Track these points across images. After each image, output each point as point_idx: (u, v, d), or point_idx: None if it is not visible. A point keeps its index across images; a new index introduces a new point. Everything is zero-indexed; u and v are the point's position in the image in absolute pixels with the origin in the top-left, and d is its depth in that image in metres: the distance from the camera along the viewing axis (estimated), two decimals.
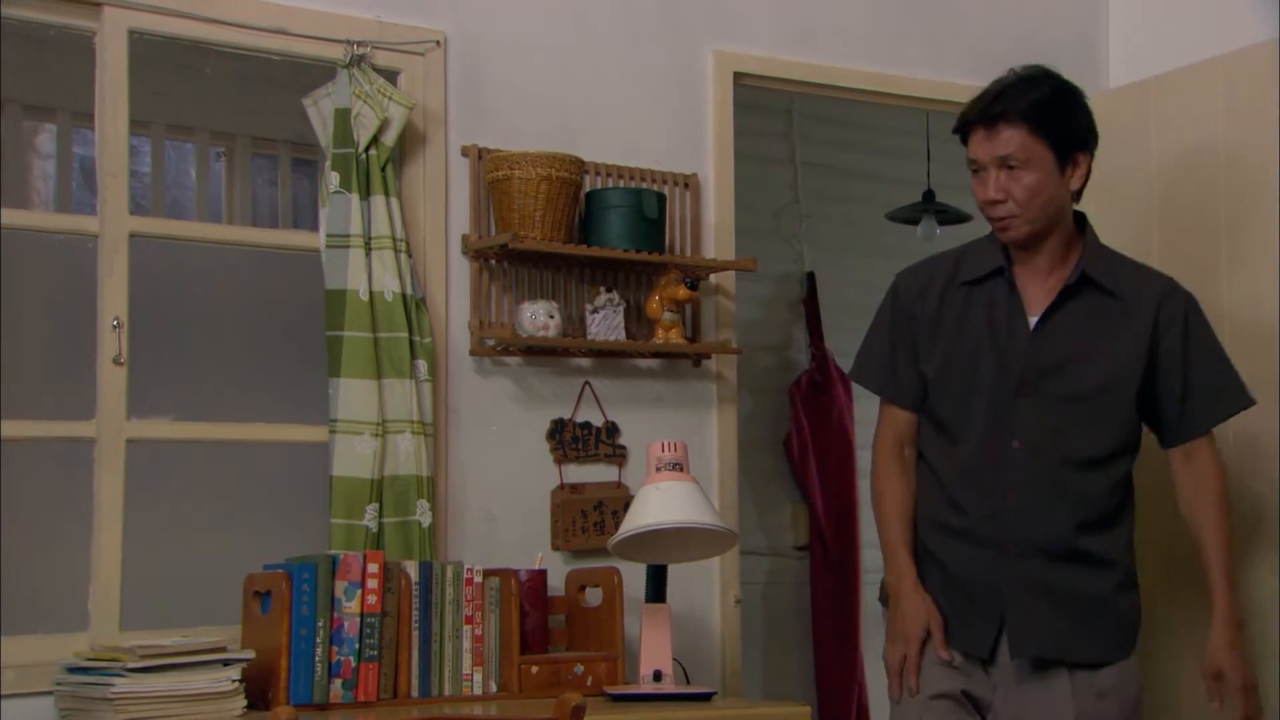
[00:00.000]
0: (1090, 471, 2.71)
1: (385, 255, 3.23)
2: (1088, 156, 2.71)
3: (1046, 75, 2.69)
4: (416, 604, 3.02)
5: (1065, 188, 2.69)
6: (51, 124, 4.30)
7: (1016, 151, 2.63)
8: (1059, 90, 2.68)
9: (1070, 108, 2.68)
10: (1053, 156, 2.65)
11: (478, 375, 3.43)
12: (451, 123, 3.41)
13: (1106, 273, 2.75)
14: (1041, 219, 2.68)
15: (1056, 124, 2.65)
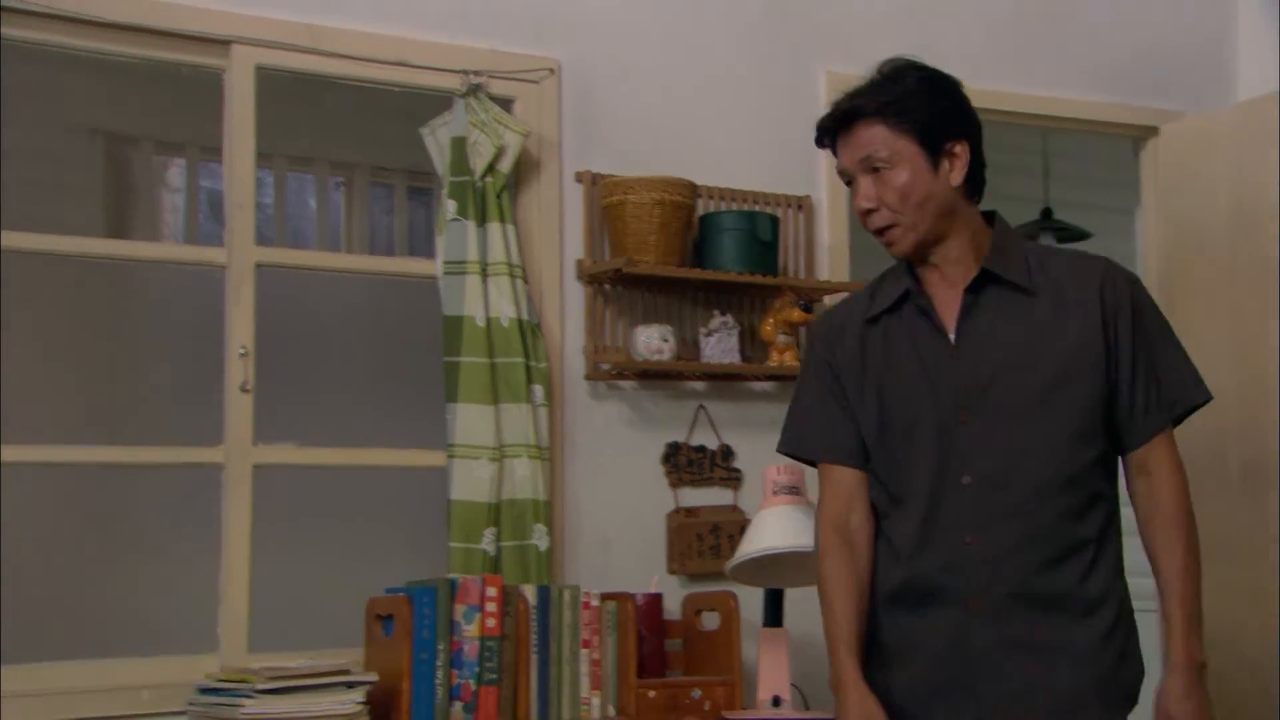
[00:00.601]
0: (1056, 495, 2.28)
1: (501, 281, 3.26)
2: (965, 146, 2.32)
3: (905, 66, 2.35)
4: (535, 627, 3.03)
5: (945, 184, 2.31)
6: (181, 159, 4.45)
7: (878, 149, 2.29)
8: (918, 79, 2.33)
9: (932, 95, 2.32)
10: (920, 150, 2.29)
11: (592, 399, 3.45)
12: (566, 149, 3.44)
13: (1016, 267, 2.35)
14: (924, 223, 2.31)
15: (917, 114, 2.29)
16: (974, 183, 2.37)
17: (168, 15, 3.07)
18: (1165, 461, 2.34)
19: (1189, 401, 2.37)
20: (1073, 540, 2.29)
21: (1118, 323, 2.32)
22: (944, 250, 2.36)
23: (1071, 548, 2.29)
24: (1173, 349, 2.39)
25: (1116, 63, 3.98)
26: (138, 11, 3.03)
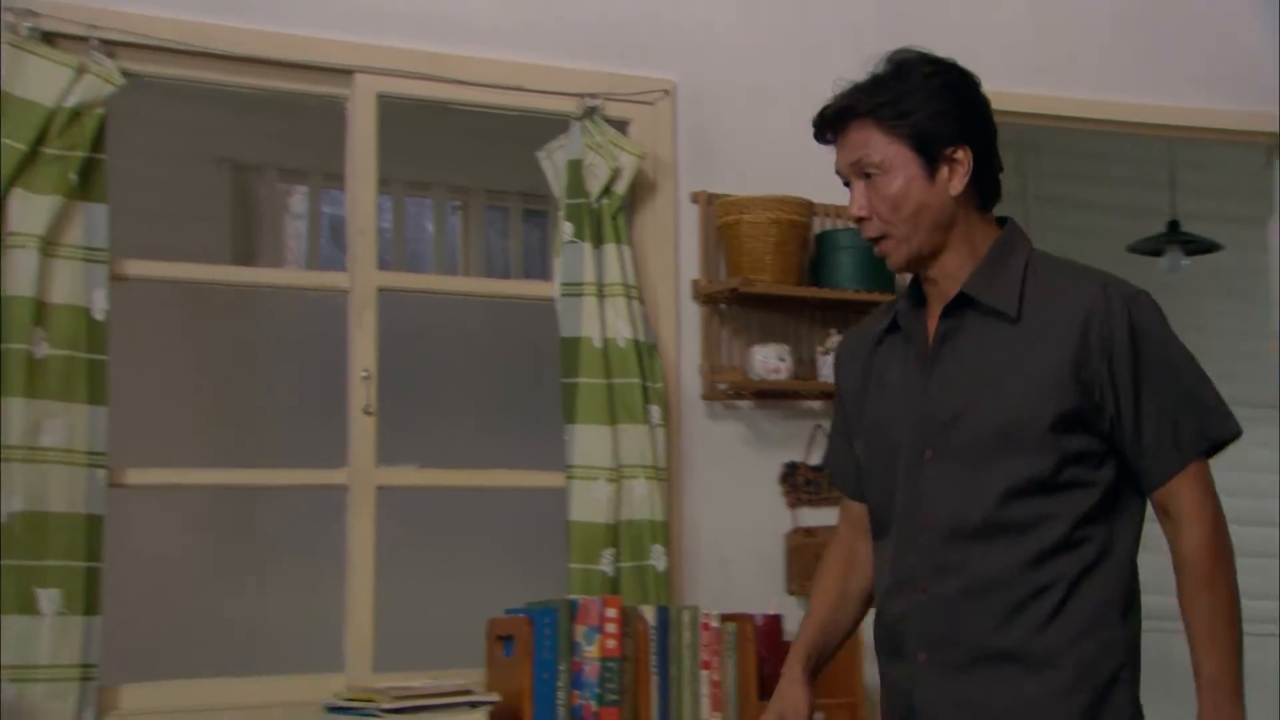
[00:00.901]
0: (1010, 545, 2.01)
1: (618, 302, 3.27)
2: (967, 152, 2.05)
3: (910, 60, 2.10)
4: (654, 648, 3.03)
5: (942, 194, 2.06)
6: (303, 185, 4.54)
7: (870, 153, 2.06)
8: (922, 76, 2.08)
9: (934, 94, 2.06)
10: (916, 157, 2.05)
11: (709, 419, 3.44)
12: (681, 169, 3.45)
13: (1004, 288, 2.07)
14: (919, 235, 2.06)
15: (914, 116, 2.05)
16: (984, 191, 2.10)
17: (293, 47, 3.14)
18: (1187, 507, 2.02)
19: (1210, 438, 2.05)
20: (1030, 588, 2.01)
21: (1112, 358, 2.01)
22: (941, 265, 2.10)
23: (1030, 595, 2.01)
24: (1186, 377, 2.06)
25: (1245, 68, 3.86)
26: (264, 45, 3.10)
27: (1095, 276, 2.08)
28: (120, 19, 2.92)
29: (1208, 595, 2.00)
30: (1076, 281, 2.07)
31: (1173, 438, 2.03)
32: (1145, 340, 2.03)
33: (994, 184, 2.12)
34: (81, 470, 2.82)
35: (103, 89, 2.87)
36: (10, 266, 2.77)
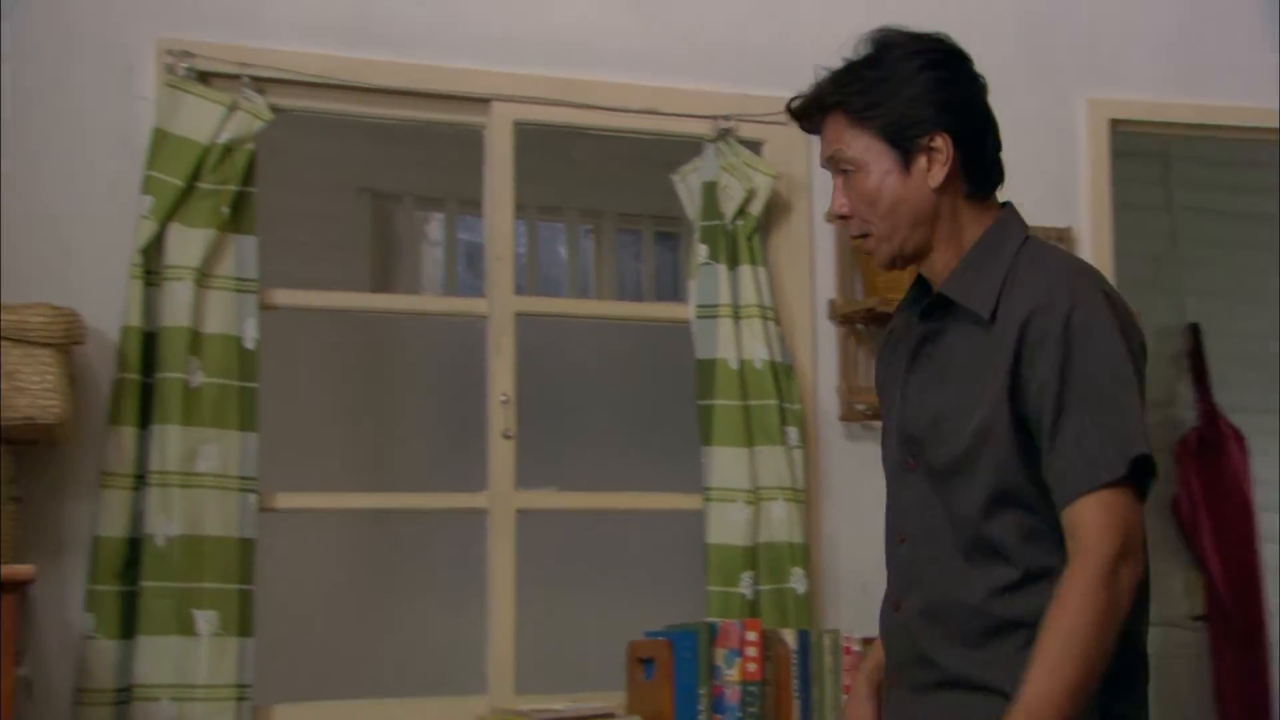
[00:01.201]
0: (977, 567, 1.86)
1: (754, 324, 3.26)
2: (946, 139, 1.88)
3: (882, 42, 1.94)
4: (796, 672, 3.01)
5: (920, 186, 1.89)
6: (440, 213, 4.62)
7: (843, 148, 1.93)
8: (895, 59, 1.92)
9: (908, 78, 1.89)
10: (889, 149, 1.89)
11: (848, 440, 3.40)
12: (815, 189, 3.43)
13: (981, 287, 1.89)
14: (899, 232, 1.91)
15: (884, 105, 1.89)
16: (974, 177, 1.92)
17: (432, 78, 3.20)
18: (1085, 532, 1.76)
19: (1107, 469, 1.76)
20: (998, 622, 1.83)
21: (1039, 361, 1.81)
22: (930, 262, 1.94)
23: (996, 630, 1.83)
24: (1110, 393, 1.80)
25: None
26: (404, 76, 3.17)
27: (1058, 272, 1.87)
28: (270, 56, 3.01)
29: (1068, 622, 1.73)
30: (1037, 276, 1.87)
31: (1081, 458, 1.78)
32: (1073, 344, 1.80)
33: (986, 168, 1.94)
34: (234, 495, 2.90)
35: (253, 124, 2.95)
36: (168, 298, 2.87)
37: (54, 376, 2.59)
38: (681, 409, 3.47)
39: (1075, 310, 1.81)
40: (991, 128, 1.95)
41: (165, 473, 2.82)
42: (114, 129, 2.93)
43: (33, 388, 2.57)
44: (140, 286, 2.84)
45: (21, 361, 2.56)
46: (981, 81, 1.97)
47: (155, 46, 2.95)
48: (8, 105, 2.87)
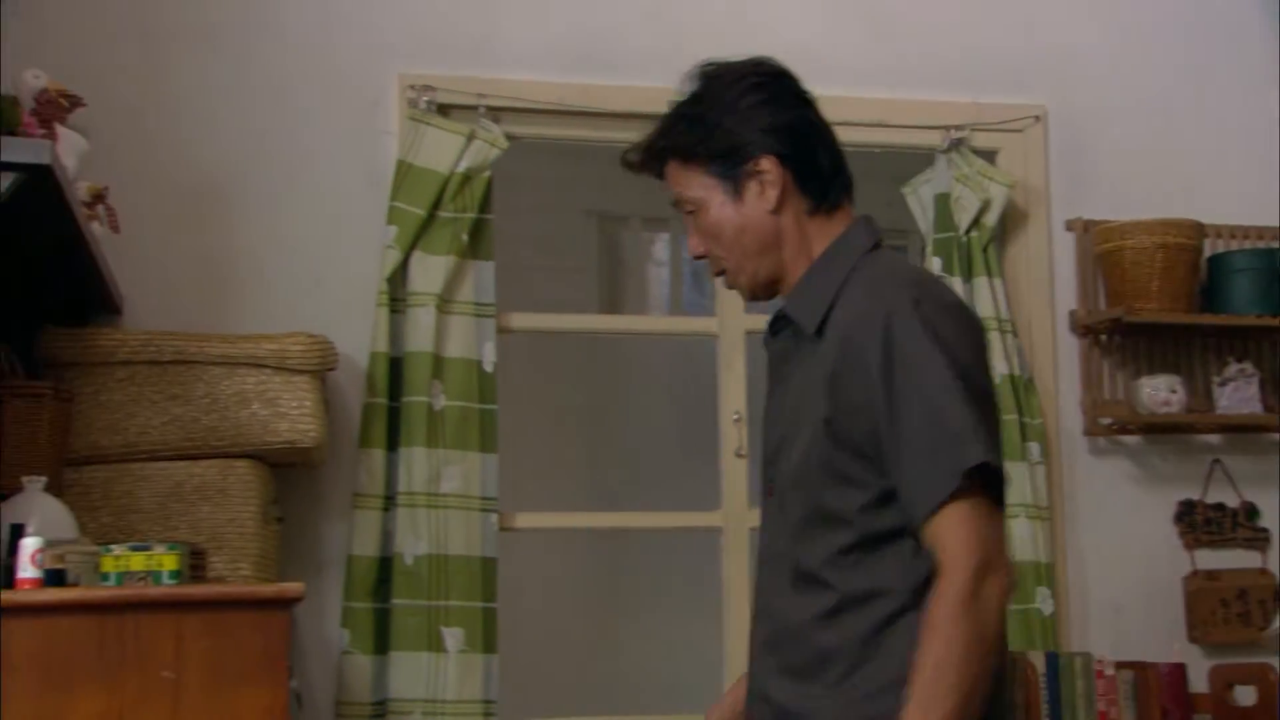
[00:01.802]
0: (799, 593, 1.80)
1: (991, 337, 3.18)
2: (773, 160, 1.84)
3: (701, 76, 1.93)
4: (1045, 696, 2.91)
5: (756, 211, 1.85)
6: (665, 233, 4.66)
7: (680, 190, 1.91)
8: (714, 92, 1.90)
9: (727, 108, 1.87)
10: (719, 181, 1.86)
11: (1093, 456, 3.29)
12: (1054, 197, 3.33)
13: (807, 305, 1.84)
14: (749, 261, 1.87)
15: (706, 141, 1.87)
16: (813, 193, 1.87)
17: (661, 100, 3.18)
18: (944, 546, 1.68)
19: (947, 481, 1.67)
20: (818, 651, 1.77)
21: (858, 376, 1.74)
22: (787, 285, 1.89)
23: (819, 660, 1.77)
24: (936, 405, 1.71)
25: None
26: (634, 100, 3.20)
27: (883, 283, 1.79)
28: (505, 86, 3.09)
29: (935, 655, 1.64)
30: (862, 289, 1.80)
31: (920, 475, 1.70)
32: (898, 361, 1.72)
33: (824, 182, 1.88)
34: (476, 515, 2.97)
35: (490, 153, 3.03)
36: (411, 324, 2.96)
37: (311, 402, 2.70)
38: None
39: (893, 323, 1.73)
40: (824, 141, 1.90)
41: (412, 493, 2.92)
42: (361, 163, 3.05)
43: (292, 413, 2.68)
44: (386, 313, 2.94)
45: (282, 388, 2.68)
46: (807, 97, 1.93)
47: (398, 82, 3.06)
48: (267, 143, 3.02)
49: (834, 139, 1.92)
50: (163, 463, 2.62)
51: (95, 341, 2.63)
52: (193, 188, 2.97)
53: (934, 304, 1.75)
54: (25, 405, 2.29)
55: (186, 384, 2.63)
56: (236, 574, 2.57)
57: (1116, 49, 3.41)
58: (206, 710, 1.68)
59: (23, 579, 1.70)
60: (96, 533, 2.46)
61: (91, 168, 2.57)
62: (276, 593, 1.76)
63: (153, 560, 1.84)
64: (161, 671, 1.67)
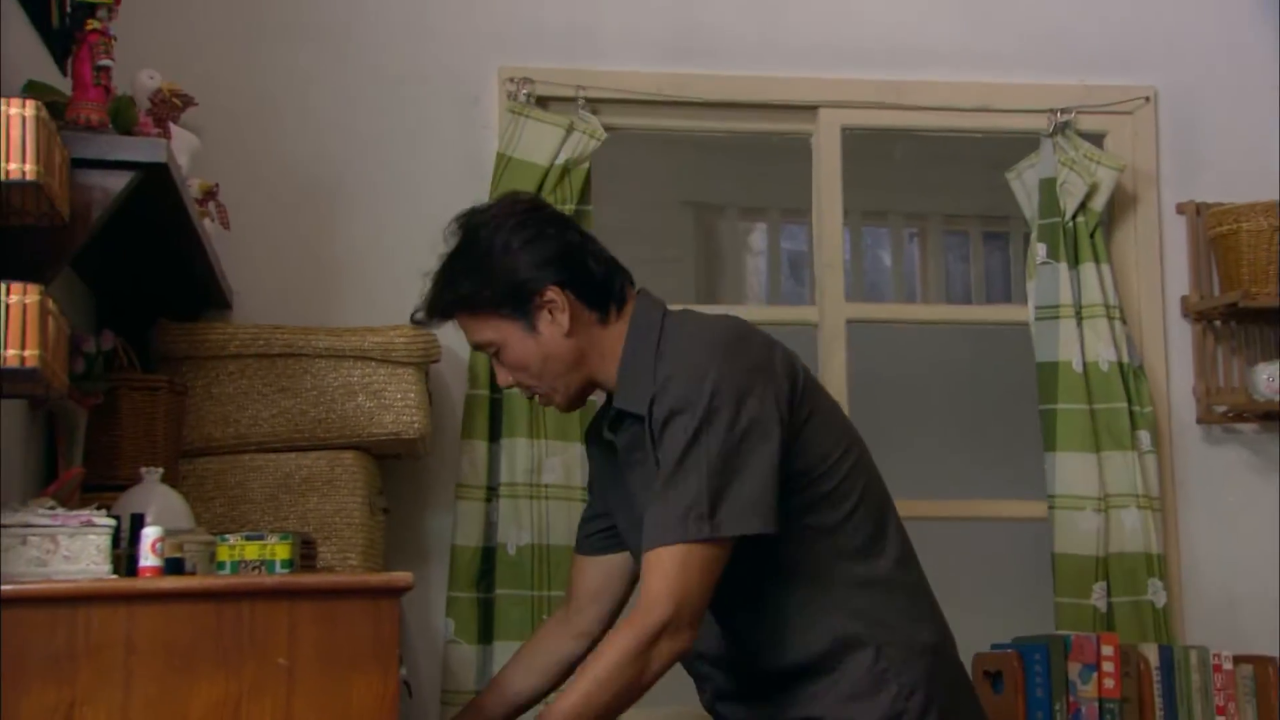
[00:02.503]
0: None
1: (1099, 324, 3.12)
2: (557, 289, 1.97)
3: (464, 228, 2.04)
4: (1159, 690, 2.85)
5: (554, 338, 1.99)
6: (762, 223, 4.64)
7: (477, 337, 2.05)
8: (480, 240, 2.01)
9: (496, 255, 1.99)
10: (511, 320, 2.00)
11: (1207, 444, 3.21)
12: (1164, 180, 3.25)
13: (636, 394, 1.97)
14: (560, 380, 2.03)
15: (487, 287, 1.98)
16: (598, 303, 2.00)
17: (759, 89, 3.21)
18: (643, 590, 1.89)
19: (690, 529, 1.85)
20: None
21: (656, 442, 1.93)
22: (605, 384, 2.05)
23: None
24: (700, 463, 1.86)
25: None
26: (732, 89, 3.20)
27: (670, 357, 1.94)
28: (603, 77, 3.10)
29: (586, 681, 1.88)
30: (660, 367, 1.94)
31: (660, 514, 1.87)
32: (670, 422, 1.89)
33: (603, 291, 2.01)
34: (577, 505, 2.97)
35: (588, 144, 3.04)
36: None
37: (415, 394, 2.73)
38: (1017, 413, 3.35)
39: (667, 391, 1.90)
40: (590, 253, 2.02)
41: (514, 484, 2.94)
42: (462, 156, 3.07)
43: (396, 405, 2.71)
44: None
45: (387, 380, 2.72)
46: (563, 219, 2.07)
47: (497, 74, 3.08)
48: (369, 138, 3.06)
49: (596, 245, 2.05)
50: (272, 454, 2.67)
51: (207, 336, 2.68)
52: (298, 184, 3.02)
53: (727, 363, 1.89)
54: (142, 398, 2.35)
55: (294, 377, 2.68)
56: (344, 564, 2.61)
57: (1227, 26, 3.32)
58: (320, 697, 1.70)
59: (145, 567, 1.74)
60: (210, 522, 2.52)
61: (202, 166, 2.62)
62: (386, 582, 1.77)
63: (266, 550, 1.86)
64: (277, 658, 1.70)
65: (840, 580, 1.95)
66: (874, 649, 1.94)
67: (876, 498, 2.03)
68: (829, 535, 1.95)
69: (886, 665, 1.93)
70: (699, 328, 1.98)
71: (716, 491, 1.84)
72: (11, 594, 1.64)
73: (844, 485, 1.97)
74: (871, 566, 1.98)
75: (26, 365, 1.56)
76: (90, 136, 1.82)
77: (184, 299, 2.76)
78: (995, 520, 3.40)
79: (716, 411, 1.86)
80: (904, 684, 1.93)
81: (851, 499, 1.98)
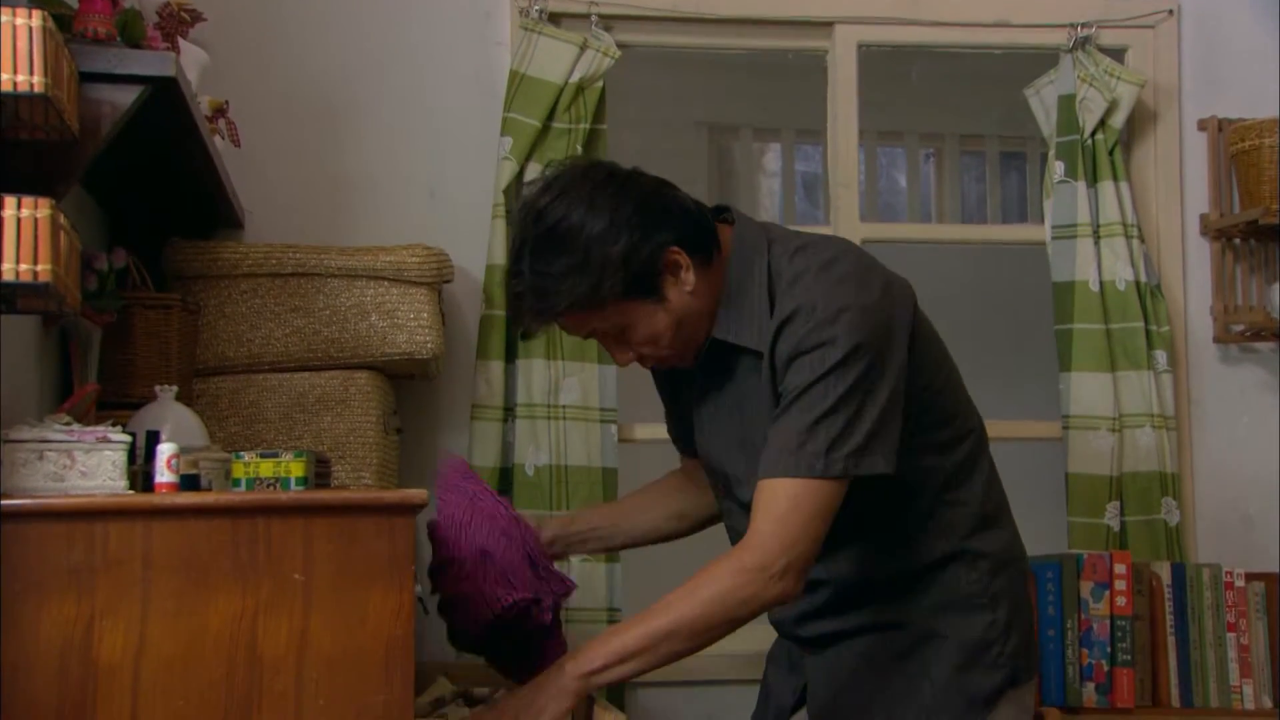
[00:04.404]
0: None
1: (1116, 243, 3.09)
2: (674, 250, 1.84)
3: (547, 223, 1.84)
4: (1171, 608, 2.86)
5: (683, 299, 1.87)
6: (776, 143, 4.60)
7: (595, 328, 1.91)
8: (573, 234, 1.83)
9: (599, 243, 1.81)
10: (637, 301, 1.86)
11: (1223, 364, 3.19)
12: (1186, 96, 3.21)
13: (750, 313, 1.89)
14: (692, 341, 1.93)
15: (604, 280, 1.82)
16: (704, 248, 1.88)
17: (774, 4, 3.16)
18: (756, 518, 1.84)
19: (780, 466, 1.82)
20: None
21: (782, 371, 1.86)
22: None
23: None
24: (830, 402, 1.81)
25: None
26: (747, 5, 3.15)
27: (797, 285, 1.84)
28: None
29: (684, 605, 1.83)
30: (783, 294, 1.85)
31: (779, 448, 1.81)
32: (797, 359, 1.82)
33: (703, 233, 1.88)
34: (595, 426, 2.98)
35: (602, 62, 3.00)
36: None
37: (428, 314, 2.72)
38: (1032, 334, 3.33)
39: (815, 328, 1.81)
40: (674, 198, 1.88)
41: (531, 405, 2.94)
42: (474, 74, 3.04)
43: (410, 324, 2.71)
44: (503, 225, 2.94)
45: (400, 300, 2.71)
46: (632, 173, 1.89)
47: None
48: (381, 55, 3.02)
49: (671, 187, 1.91)
50: (286, 374, 2.67)
51: (219, 254, 2.67)
52: (309, 102, 2.99)
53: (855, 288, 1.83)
54: (155, 316, 2.35)
55: (307, 296, 2.67)
56: (358, 483, 2.62)
57: None
58: (336, 611, 1.71)
59: (160, 483, 1.74)
60: (225, 441, 2.52)
61: (212, 83, 2.60)
62: (401, 499, 1.77)
63: (281, 467, 1.87)
64: (293, 574, 1.71)
65: (938, 500, 1.95)
66: (966, 564, 1.97)
67: (972, 420, 2.04)
68: (931, 456, 1.94)
69: (977, 578, 1.97)
70: (820, 260, 1.87)
71: (841, 431, 1.80)
72: (31, 508, 1.65)
73: (946, 409, 1.97)
74: (968, 487, 1.99)
75: (39, 280, 1.55)
76: (98, 49, 1.79)
77: (196, 218, 2.75)
78: (1009, 440, 3.39)
79: (847, 351, 1.80)
80: (992, 596, 1.98)
81: (954, 424, 1.98)
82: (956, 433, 1.99)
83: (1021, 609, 2.03)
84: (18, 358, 2.02)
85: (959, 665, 1.95)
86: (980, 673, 1.96)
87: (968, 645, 1.96)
